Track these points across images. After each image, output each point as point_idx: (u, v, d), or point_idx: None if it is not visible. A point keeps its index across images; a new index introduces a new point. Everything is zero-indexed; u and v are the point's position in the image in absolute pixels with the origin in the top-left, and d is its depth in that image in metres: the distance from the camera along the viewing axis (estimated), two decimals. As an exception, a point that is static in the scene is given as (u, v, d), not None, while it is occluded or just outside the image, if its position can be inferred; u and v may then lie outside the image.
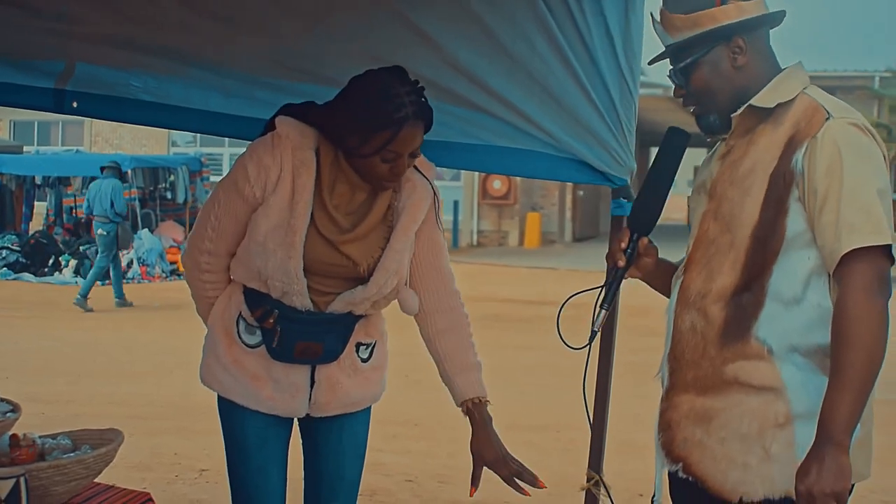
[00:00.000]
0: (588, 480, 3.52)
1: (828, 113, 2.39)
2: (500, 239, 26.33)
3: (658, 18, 2.56)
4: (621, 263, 2.62)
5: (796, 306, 2.38)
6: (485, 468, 2.84)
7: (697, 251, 2.51)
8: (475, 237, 26.25)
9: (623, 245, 2.63)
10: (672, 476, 2.60)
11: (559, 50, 3.27)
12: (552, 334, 2.97)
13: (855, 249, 2.26)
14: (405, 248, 2.88)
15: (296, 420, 3.05)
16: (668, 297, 2.68)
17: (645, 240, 2.64)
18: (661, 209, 2.62)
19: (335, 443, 3.06)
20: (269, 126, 2.86)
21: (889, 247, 2.27)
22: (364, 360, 3.02)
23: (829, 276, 2.35)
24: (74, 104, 3.67)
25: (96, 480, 3.10)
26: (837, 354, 2.25)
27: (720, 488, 2.44)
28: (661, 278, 2.74)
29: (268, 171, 2.78)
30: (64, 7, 3.41)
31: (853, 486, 2.28)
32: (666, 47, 2.57)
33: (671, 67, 2.57)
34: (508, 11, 3.22)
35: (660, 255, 2.73)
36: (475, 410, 2.90)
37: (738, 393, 2.41)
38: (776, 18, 2.51)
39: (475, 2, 3.19)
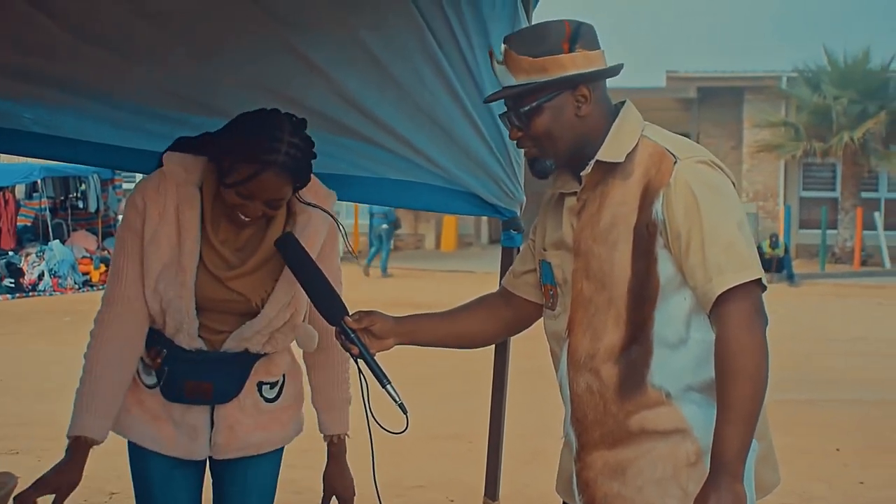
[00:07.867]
0: (484, 511, 3.51)
1: (674, 157, 2.40)
2: (416, 242, 26.33)
3: (500, 58, 2.47)
4: (355, 351, 2.62)
5: (683, 347, 2.40)
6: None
7: (577, 312, 2.48)
8: (392, 241, 26.17)
9: (339, 339, 2.64)
10: None
11: (447, 82, 3.30)
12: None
13: (727, 289, 2.28)
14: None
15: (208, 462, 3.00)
16: (455, 346, 2.83)
17: (349, 319, 2.62)
18: (335, 292, 2.69)
19: (240, 486, 3.00)
20: (160, 161, 2.83)
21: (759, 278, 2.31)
22: (270, 400, 2.96)
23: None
24: (-37, 137, 3.61)
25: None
26: (724, 388, 2.27)
27: None
28: (425, 335, 2.78)
29: (153, 204, 2.76)
30: (-49, 36, 3.35)
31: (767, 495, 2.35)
32: (505, 87, 2.47)
33: (511, 111, 2.50)
34: (398, 43, 3.23)
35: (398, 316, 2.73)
36: (334, 446, 3.09)
37: (647, 441, 2.42)
38: (617, 71, 2.47)
39: (364, 32, 3.18)
